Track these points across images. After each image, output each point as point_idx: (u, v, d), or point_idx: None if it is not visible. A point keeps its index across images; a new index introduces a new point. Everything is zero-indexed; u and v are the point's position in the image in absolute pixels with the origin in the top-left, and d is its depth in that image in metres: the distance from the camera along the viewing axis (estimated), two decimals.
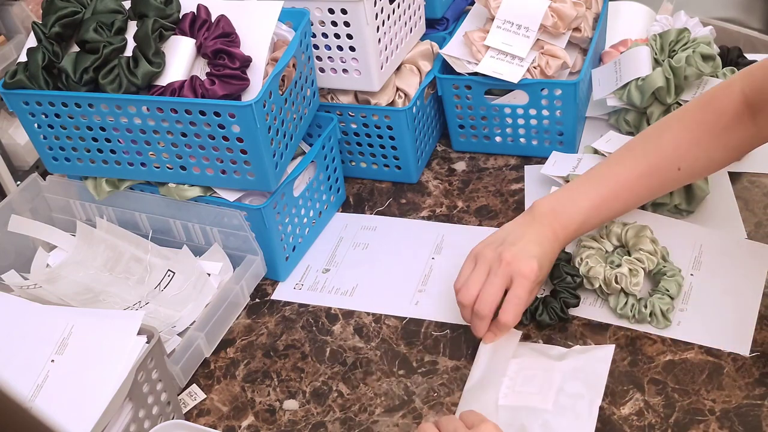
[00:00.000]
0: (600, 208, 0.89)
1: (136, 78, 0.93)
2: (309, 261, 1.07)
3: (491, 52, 1.10)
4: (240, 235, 1.00)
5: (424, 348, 0.92)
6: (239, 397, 0.91)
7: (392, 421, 0.84)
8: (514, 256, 0.85)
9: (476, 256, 0.88)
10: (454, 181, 1.15)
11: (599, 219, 0.91)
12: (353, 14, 1.01)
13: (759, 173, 1.05)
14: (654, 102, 1.06)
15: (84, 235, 1.07)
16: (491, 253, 0.87)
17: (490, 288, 0.85)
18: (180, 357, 0.90)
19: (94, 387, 0.80)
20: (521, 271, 0.84)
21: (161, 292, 0.99)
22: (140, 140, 0.97)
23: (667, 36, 1.06)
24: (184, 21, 0.96)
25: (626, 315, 0.89)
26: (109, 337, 0.84)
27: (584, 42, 1.15)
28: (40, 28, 0.97)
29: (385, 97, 1.11)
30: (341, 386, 0.89)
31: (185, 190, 1.00)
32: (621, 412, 0.80)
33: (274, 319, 0.99)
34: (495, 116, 1.14)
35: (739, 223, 0.98)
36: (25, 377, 0.82)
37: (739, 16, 1.52)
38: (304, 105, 1.03)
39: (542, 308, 0.90)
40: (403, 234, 1.08)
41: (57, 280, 1.02)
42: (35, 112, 1.00)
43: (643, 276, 0.90)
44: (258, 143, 0.92)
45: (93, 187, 1.05)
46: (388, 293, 0.99)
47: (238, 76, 0.92)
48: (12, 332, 0.87)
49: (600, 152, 1.05)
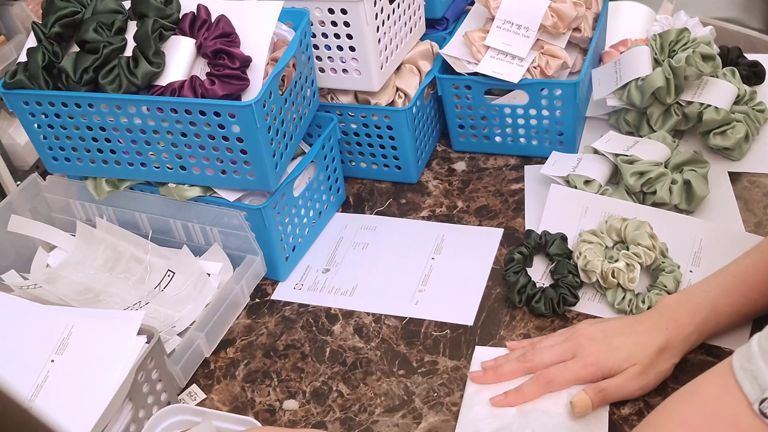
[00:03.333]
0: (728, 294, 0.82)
1: (136, 78, 0.93)
2: (309, 261, 1.07)
3: (491, 52, 1.10)
4: (240, 235, 1.00)
5: (424, 348, 0.92)
6: (239, 397, 0.91)
7: (392, 421, 0.84)
8: (607, 368, 0.80)
9: (572, 337, 0.83)
10: (454, 181, 1.15)
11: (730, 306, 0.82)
12: (353, 14, 1.01)
13: (759, 173, 1.05)
14: (654, 102, 1.06)
15: (84, 235, 1.07)
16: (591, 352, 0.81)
17: (564, 371, 0.81)
18: (180, 357, 0.90)
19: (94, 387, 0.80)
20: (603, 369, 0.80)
21: (161, 292, 0.99)
22: (140, 140, 0.97)
23: (667, 36, 1.06)
24: (184, 21, 0.96)
25: (624, 310, 0.89)
26: (109, 337, 0.84)
27: (584, 42, 1.15)
28: (40, 28, 0.97)
29: (385, 97, 1.11)
30: (341, 386, 0.89)
31: (185, 190, 1.00)
32: (621, 412, 0.80)
33: (274, 319, 0.99)
34: (495, 116, 1.14)
35: (739, 223, 0.98)
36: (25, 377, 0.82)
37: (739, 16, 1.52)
38: (304, 105, 1.03)
39: (540, 297, 0.90)
40: (403, 234, 1.08)
41: (57, 280, 1.02)
42: (35, 112, 1.00)
43: (639, 271, 0.90)
44: (258, 143, 0.92)
45: (93, 187, 1.05)
46: (388, 293, 0.99)
47: (238, 76, 0.92)
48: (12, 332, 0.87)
49: (600, 152, 1.05)
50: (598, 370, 0.80)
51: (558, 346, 0.83)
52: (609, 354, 0.80)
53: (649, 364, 0.79)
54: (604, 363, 0.80)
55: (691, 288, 0.85)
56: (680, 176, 0.99)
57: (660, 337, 0.80)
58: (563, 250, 0.95)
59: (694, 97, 1.06)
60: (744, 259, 0.85)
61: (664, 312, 0.82)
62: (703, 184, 0.98)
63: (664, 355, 0.80)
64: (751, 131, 1.06)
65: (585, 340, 0.82)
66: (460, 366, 0.89)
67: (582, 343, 0.82)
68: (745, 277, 0.83)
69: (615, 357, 0.80)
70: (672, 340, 0.80)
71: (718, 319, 0.82)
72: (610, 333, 0.82)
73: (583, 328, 0.84)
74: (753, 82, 1.15)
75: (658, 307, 0.84)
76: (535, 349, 0.84)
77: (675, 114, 1.07)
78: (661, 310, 0.83)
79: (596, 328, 0.83)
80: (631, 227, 0.93)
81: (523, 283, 0.92)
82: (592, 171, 1.02)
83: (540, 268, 0.97)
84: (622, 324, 0.83)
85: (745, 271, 0.83)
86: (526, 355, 0.84)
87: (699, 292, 0.83)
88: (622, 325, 0.83)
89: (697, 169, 0.99)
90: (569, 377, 0.81)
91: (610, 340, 0.81)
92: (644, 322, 0.82)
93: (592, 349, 0.81)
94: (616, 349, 0.80)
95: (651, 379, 0.80)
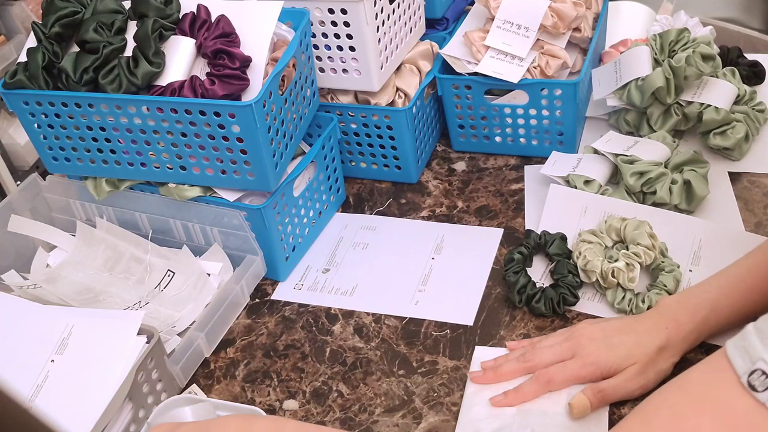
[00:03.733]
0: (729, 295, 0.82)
1: (136, 78, 0.93)
2: (309, 261, 1.07)
3: (491, 52, 1.10)
4: (240, 235, 1.00)
5: (424, 348, 0.92)
6: (239, 397, 0.91)
7: (392, 421, 0.84)
8: (607, 367, 0.80)
9: (571, 337, 0.83)
10: (454, 181, 1.15)
11: (729, 306, 0.82)
12: (353, 14, 1.01)
13: (759, 173, 1.05)
14: (654, 102, 1.06)
15: (84, 235, 1.07)
16: (590, 351, 0.81)
17: (563, 371, 0.81)
18: (180, 357, 0.90)
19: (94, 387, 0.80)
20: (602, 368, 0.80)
21: (161, 292, 1.00)
22: (140, 140, 0.97)
23: (667, 36, 1.06)
24: (184, 21, 0.96)
25: (624, 309, 0.89)
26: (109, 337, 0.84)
27: (584, 42, 1.15)
28: (40, 28, 0.97)
29: (385, 97, 1.11)
30: (341, 386, 0.89)
31: (185, 190, 1.00)
32: (621, 412, 0.80)
33: (274, 319, 0.99)
34: (495, 116, 1.14)
35: (739, 223, 0.98)
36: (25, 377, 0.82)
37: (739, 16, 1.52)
38: (304, 105, 1.03)
39: (540, 297, 0.90)
40: (403, 234, 1.08)
41: (57, 280, 1.02)
42: (35, 112, 1.00)
43: (639, 271, 0.90)
44: (258, 143, 0.92)
45: (93, 187, 1.05)
46: (388, 293, 0.99)
47: (238, 76, 0.92)
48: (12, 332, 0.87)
49: (600, 152, 1.05)
50: (598, 370, 0.80)
51: (558, 345, 0.83)
52: (609, 354, 0.80)
53: (649, 364, 0.79)
54: (603, 363, 0.80)
55: (691, 288, 0.85)
56: (680, 176, 0.99)
57: (660, 337, 0.80)
58: (563, 250, 0.95)
59: (694, 97, 1.06)
60: (745, 260, 0.85)
61: (664, 311, 0.82)
62: (703, 184, 0.98)
63: (664, 354, 0.80)
64: (751, 131, 1.06)
65: (585, 339, 0.82)
66: (460, 366, 0.89)
67: (582, 342, 0.82)
68: (746, 278, 0.83)
69: (615, 356, 0.80)
70: (672, 339, 0.80)
71: (718, 318, 0.82)
72: (610, 332, 0.82)
73: (583, 328, 0.84)
74: (753, 82, 1.15)
75: (658, 306, 0.84)
76: (535, 349, 0.84)
77: (675, 114, 1.07)
78: (660, 309, 0.83)
79: (596, 327, 0.83)
80: (630, 227, 0.93)
81: (523, 283, 0.92)
82: (592, 171, 1.02)
83: (540, 268, 0.97)
84: (622, 324, 0.83)
85: (746, 272, 0.83)
86: (526, 355, 0.84)
87: (699, 292, 0.83)
88: (622, 324, 0.83)
89: (697, 169, 0.99)
90: (569, 377, 0.81)
91: (609, 339, 0.81)
92: (644, 322, 0.82)
93: (592, 349, 0.81)
94: (615, 348, 0.81)
95: (650, 379, 0.80)
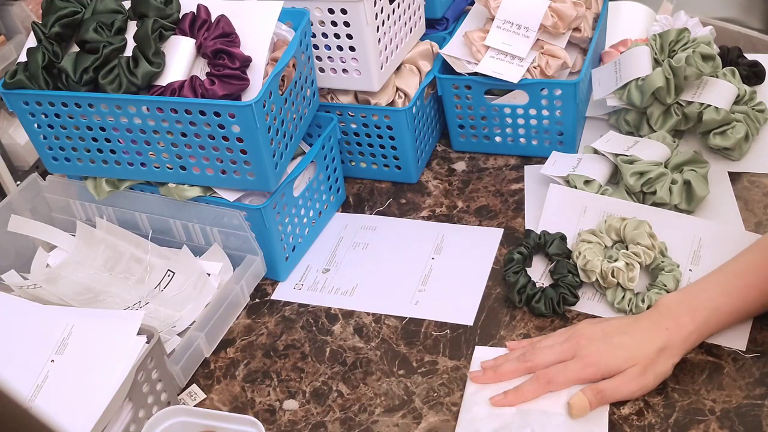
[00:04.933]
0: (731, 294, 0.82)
1: (136, 78, 0.93)
2: (309, 261, 1.07)
3: (491, 52, 1.10)
4: (240, 235, 1.00)
5: (424, 348, 0.92)
6: (239, 397, 0.91)
7: (392, 421, 0.84)
8: (608, 368, 0.80)
9: (572, 337, 0.83)
10: (454, 181, 1.15)
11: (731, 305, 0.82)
12: (353, 14, 1.01)
13: (759, 173, 1.05)
14: (654, 102, 1.06)
15: (84, 235, 1.07)
16: (591, 351, 0.82)
17: (564, 371, 0.81)
18: (180, 357, 0.90)
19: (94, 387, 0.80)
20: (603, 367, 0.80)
21: (161, 292, 1.00)
22: (140, 140, 0.97)
23: (667, 36, 1.06)
24: (184, 21, 0.96)
25: (623, 309, 0.89)
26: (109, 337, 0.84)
27: (584, 42, 1.15)
28: (40, 28, 0.97)
29: (385, 97, 1.11)
30: (341, 386, 0.89)
31: (185, 190, 1.00)
32: (621, 412, 0.80)
33: (274, 319, 0.99)
34: (495, 116, 1.14)
35: (739, 222, 0.98)
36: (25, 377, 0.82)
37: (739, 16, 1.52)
38: (304, 105, 1.03)
39: (540, 296, 0.90)
40: (403, 234, 1.08)
41: (57, 280, 1.02)
42: (35, 112, 1.00)
43: (639, 270, 0.90)
44: (258, 143, 0.92)
45: (93, 187, 1.05)
46: (388, 293, 0.99)
47: (238, 76, 0.92)
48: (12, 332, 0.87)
49: (600, 152, 1.05)
50: (598, 371, 0.80)
51: (558, 346, 0.83)
52: (609, 354, 0.80)
53: (649, 364, 0.79)
54: (604, 363, 0.80)
55: (690, 287, 0.85)
56: (680, 176, 0.99)
57: (660, 337, 0.80)
58: (562, 250, 0.95)
59: (694, 97, 1.06)
60: (743, 257, 0.85)
61: (664, 311, 0.82)
62: (703, 184, 0.98)
63: (664, 354, 0.80)
64: (751, 131, 1.06)
65: (585, 340, 0.82)
66: (460, 366, 0.89)
67: (582, 343, 0.82)
68: (745, 276, 0.83)
69: (615, 357, 0.80)
70: (672, 340, 0.80)
71: (718, 318, 0.82)
72: (610, 333, 0.82)
73: (583, 328, 0.84)
74: (753, 82, 1.15)
75: (658, 306, 0.84)
76: (535, 349, 0.84)
77: (675, 114, 1.07)
78: (660, 309, 0.83)
79: (596, 328, 0.83)
80: (630, 227, 0.93)
81: (523, 283, 0.92)
82: (592, 171, 1.02)
83: (540, 268, 0.97)
84: (622, 324, 0.83)
85: (745, 270, 0.83)
86: (526, 354, 0.84)
87: (699, 291, 0.83)
88: (622, 324, 0.83)
89: (697, 169, 0.99)
90: (569, 377, 0.81)
91: (610, 340, 0.81)
92: (644, 322, 0.82)
93: (592, 350, 0.81)
94: (616, 349, 0.80)
95: (650, 380, 0.80)
